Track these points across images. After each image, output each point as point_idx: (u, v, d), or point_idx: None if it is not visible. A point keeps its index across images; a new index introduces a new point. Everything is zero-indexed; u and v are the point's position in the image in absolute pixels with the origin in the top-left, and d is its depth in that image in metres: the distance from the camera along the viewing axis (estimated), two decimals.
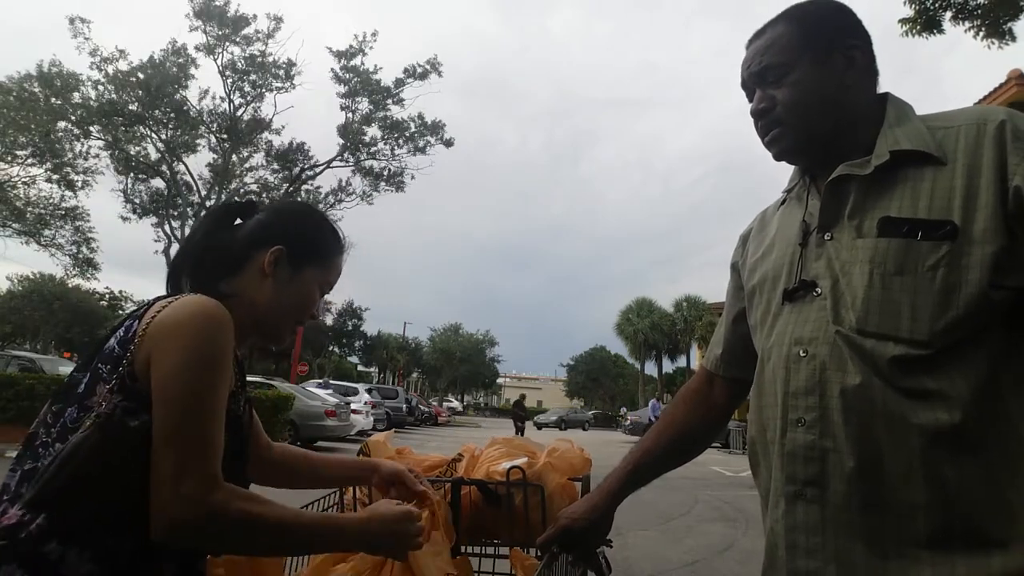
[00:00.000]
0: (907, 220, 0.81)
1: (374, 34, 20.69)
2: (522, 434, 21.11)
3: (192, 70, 20.23)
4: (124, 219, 21.14)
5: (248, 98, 21.02)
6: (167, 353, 0.80)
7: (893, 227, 0.82)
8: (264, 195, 20.52)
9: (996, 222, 0.77)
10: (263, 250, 0.97)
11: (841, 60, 0.92)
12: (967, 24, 7.49)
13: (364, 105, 21.20)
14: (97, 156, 19.91)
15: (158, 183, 21.62)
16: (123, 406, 0.79)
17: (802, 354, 0.86)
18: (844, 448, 0.80)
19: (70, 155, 19.45)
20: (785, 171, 1.12)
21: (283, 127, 21.36)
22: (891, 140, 0.87)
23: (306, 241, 1.01)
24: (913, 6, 7.52)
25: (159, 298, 0.88)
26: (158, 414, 0.78)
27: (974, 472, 0.76)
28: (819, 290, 0.87)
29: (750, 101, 1.00)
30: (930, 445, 0.76)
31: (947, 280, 0.78)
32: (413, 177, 21.67)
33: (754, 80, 0.97)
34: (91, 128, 19.36)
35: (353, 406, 15.06)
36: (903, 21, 7.61)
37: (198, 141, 21.23)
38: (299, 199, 20.93)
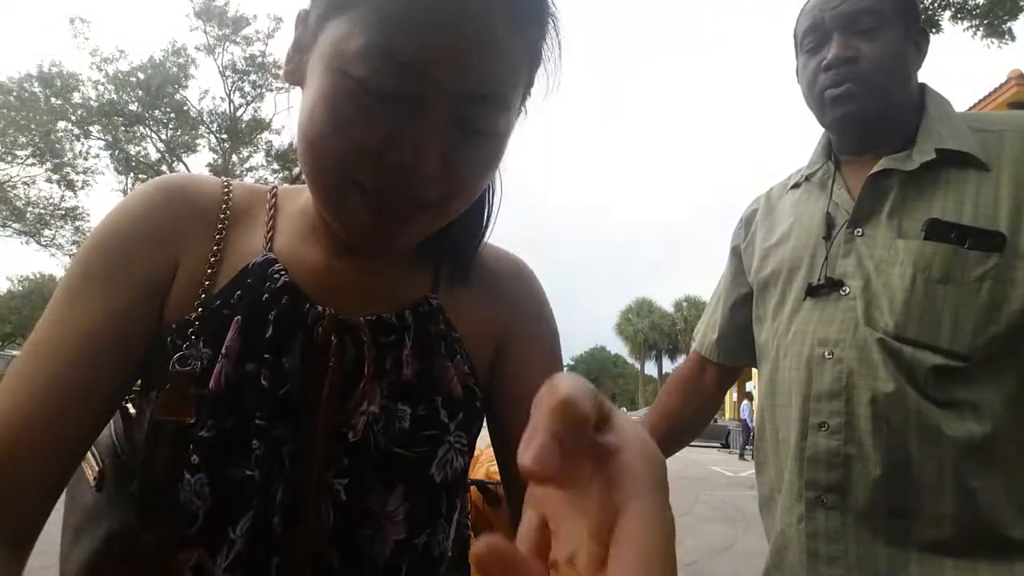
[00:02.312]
0: (954, 225, 0.77)
1: None
2: None
3: (192, 70, 20.27)
4: None
5: (248, 98, 21.03)
6: None
7: (941, 231, 0.78)
8: None
9: None
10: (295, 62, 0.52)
11: (913, 42, 0.88)
12: (966, 24, 7.49)
13: None
14: (97, 156, 19.92)
15: None
16: None
17: (827, 356, 0.82)
18: (870, 456, 0.78)
19: (70, 155, 19.45)
20: (786, 169, 1.10)
21: (283, 127, 21.37)
22: (936, 137, 0.82)
23: None
24: None
25: None
26: None
27: (1001, 482, 0.75)
28: (847, 289, 0.83)
29: (807, 52, 0.90)
30: (961, 455, 0.75)
31: (993, 293, 0.75)
32: None
33: (841, 22, 0.85)
34: (91, 128, 19.37)
35: None
36: None
37: (198, 141, 21.26)
38: None
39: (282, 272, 0.49)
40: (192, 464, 0.44)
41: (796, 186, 1.00)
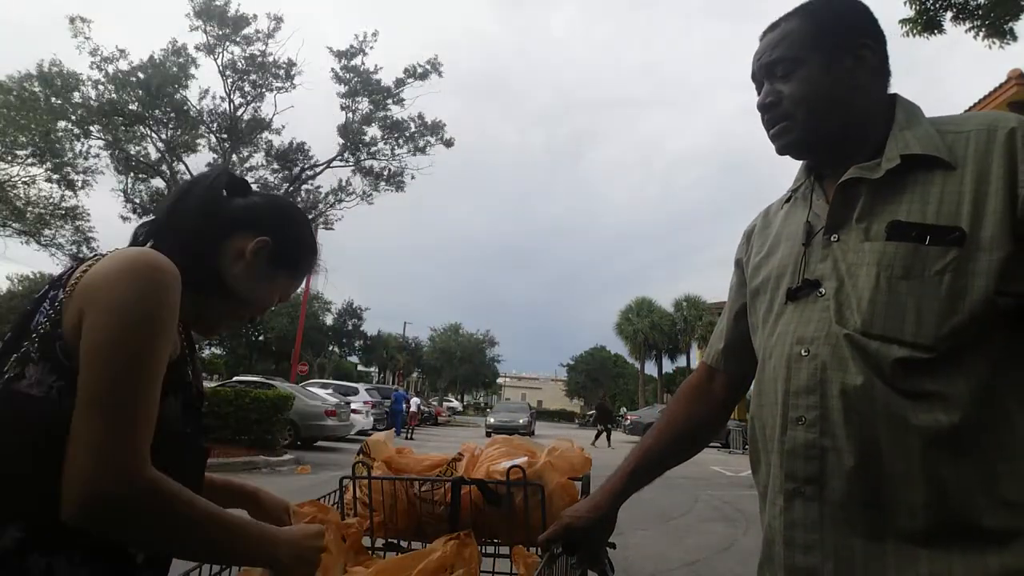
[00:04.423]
0: (916, 225, 0.82)
1: (374, 34, 20.61)
2: (608, 438, 20.36)
3: (192, 70, 20.21)
4: (124, 219, 21.11)
5: (248, 98, 20.98)
6: (96, 310, 0.69)
7: (902, 231, 0.82)
8: None
9: (1004, 229, 0.78)
10: (248, 234, 0.91)
11: (852, 59, 0.92)
12: (967, 24, 7.49)
13: (364, 105, 21.18)
14: (97, 156, 19.85)
15: (158, 183, 21.61)
16: (59, 387, 0.70)
17: (804, 353, 0.87)
18: (843, 447, 0.81)
19: (70, 155, 19.41)
20: (785, 170, 1.13)
21: (283, 127, 21.34)
22: (902, 143, 0.87)
23: (293, 247, 0.97)
24: (914, 6, 7.51)
25: (82, 261, 0.78)
26: (83, 377, 0.67)
27: (972, 472, 0.76)
28: (823, 291, 0.88)
29: (759, 94, 1.00)
30: (929, 446, 0.76)
31: (953, 286, 0.78)
32: (413, 177, 21.61)
33: (763, 72, 0.97)
34: (91, 128, 19.33)
35: (353, 406, 15.07)
36: (904, 21, 7.61)
37: (198, 141, 21.18)
38: (299, 199, 20.61)
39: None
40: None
41: (788, 200, 1.06)
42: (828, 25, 0.93)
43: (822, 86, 0.92)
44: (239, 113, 21.05)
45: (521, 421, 24.22)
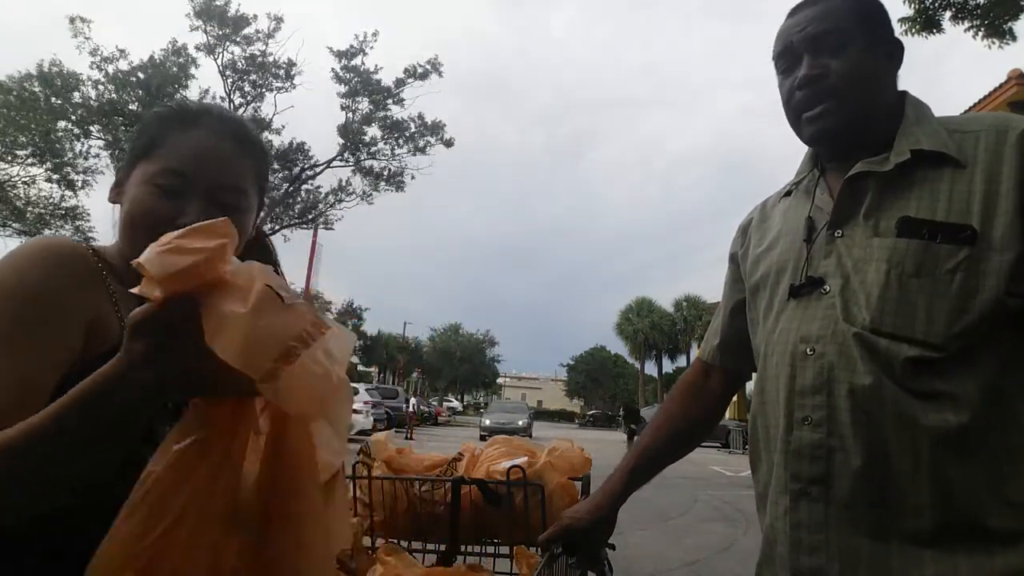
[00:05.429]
0: (926, 222, 0.81)
1: (375, 34, 20.64)
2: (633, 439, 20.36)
3: (192, 70, 20.23)
4: None
5: (248, 98, 21.00)
6: None
7: (912, 228, 0.81)
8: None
9: (1015, 230, 0.77)
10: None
11: (884, 52, 0.92)
12: (967, 24, 7.49)
13: (364, 105, 21.20)
14: (97, 156, 19.87)
15: None
16: None
17: (809, 352, 0.85)
18: (851, 447, 0.80)
19: (70, 155, 19.41)
20: (786, 168, 1.12)
21: (283, 127, 21.34)
22: (912, 139, 0.86)
23: (131, 145, 0.84)
24: (912, 6, 7.51)
25: None
26: None
27: (979, 472, 0.76)
28: (827, 288, 0.86)
29: (782, 73, 0.96)
30: (937, 446, 0.76)
31: (964, 285, 0.78)
32: (413, 177, 21.65)
33: (807, 44, 0.91)
34: (91, 128, 19.34)
35: (353, 406, 15.06)
36: (902, 20, 7.61)
37: None
38: (299, 199, 20.54)
39: None
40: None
41: (788, 194, 1.04)
42: (870, 13, 0.93)
43: (869, 69, 0.90)
44: (239, 113, 21.04)
45: (520, 423, 22.27)
